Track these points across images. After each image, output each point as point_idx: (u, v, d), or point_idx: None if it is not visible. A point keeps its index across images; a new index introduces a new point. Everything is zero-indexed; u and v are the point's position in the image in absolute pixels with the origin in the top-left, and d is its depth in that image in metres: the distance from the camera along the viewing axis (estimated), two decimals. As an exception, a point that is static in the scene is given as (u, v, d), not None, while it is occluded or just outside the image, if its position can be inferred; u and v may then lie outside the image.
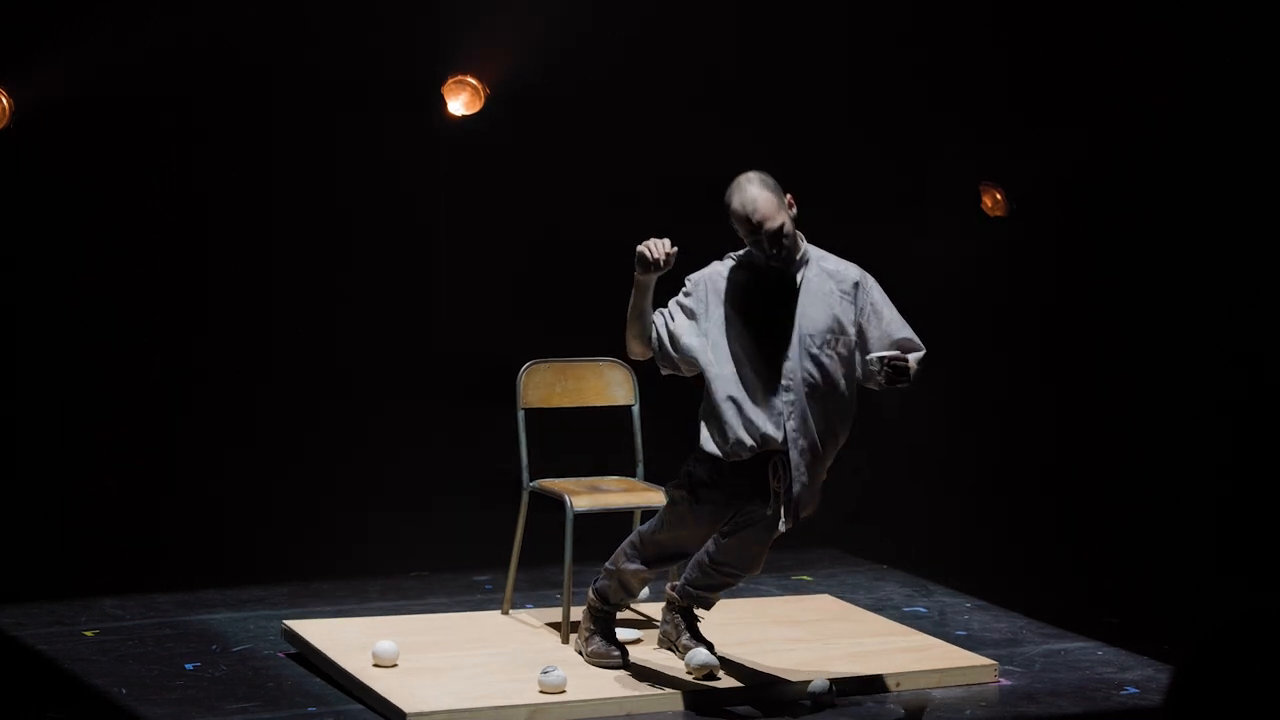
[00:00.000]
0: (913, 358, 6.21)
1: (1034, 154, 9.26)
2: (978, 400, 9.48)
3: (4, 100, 8.32)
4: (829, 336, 6.24)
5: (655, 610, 7.03)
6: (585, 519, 6.89)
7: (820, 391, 6.22)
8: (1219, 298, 8.84)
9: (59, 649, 6.98)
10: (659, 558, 6.51)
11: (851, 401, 6.30)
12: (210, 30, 8.68)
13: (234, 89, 8.80)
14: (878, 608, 7.57)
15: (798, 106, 9.17)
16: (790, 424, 6.19)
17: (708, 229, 6.63)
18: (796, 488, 6.19)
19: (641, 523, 6.99)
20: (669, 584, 6.82)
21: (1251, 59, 8.62)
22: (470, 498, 8.65)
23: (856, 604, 7.60)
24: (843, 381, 6.26)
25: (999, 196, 9.44)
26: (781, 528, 6.23)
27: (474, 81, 8.98)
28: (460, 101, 8.98)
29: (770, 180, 6.14)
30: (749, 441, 6.17)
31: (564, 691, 6.34)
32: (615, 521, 6.76)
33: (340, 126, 8.97)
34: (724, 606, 7.35)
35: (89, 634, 7.18)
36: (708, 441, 6.23)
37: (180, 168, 8.83)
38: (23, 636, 7.14)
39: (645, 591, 7.39)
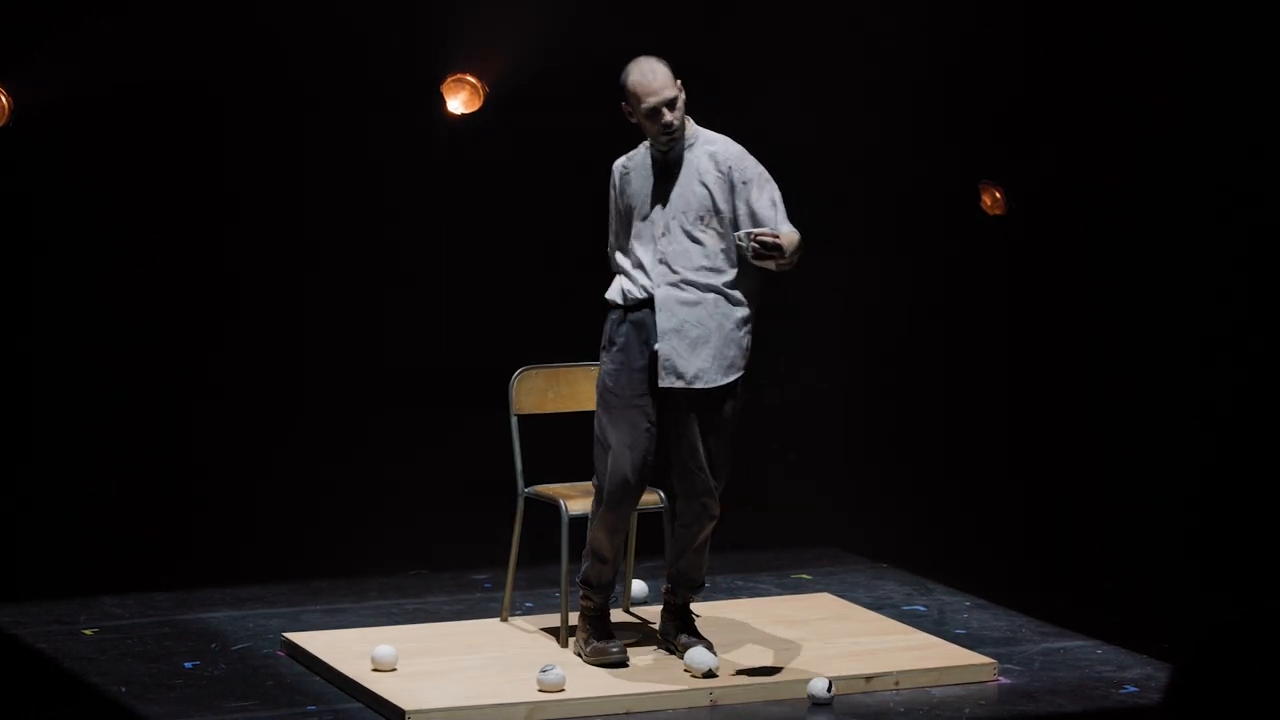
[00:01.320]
0: (785, 238, 6.30)
1: (1030, 152, 9.26)
2: (979, 399, 9.47)
3: (3, 99, 8.31)
4: (703, 214, 6.48)
5: (653, 613, 7.03)
6: (581, 523, 6.89)
7: (695, 267, 6.43)
8: (1219, 296, 8.83)
9: (58, 647, 6.99)
10: (612, 480, 6.51)
11: (739, 280, 6.48)
12: (209, 31, 8.67)
13: (233, 89, 8.79)
14: (877, 606, 7.57)
15: (796, 107, 9.16)
16: (659, 292, 6.44)
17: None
18: (665, 348, 6.39)
19: (635, 524, 7.01)
20: (664, 586, 6.83)
21: (1252, 59, 8.61)
22: (467, 499, 8.65)
23: (856, 602, 7.59)
24: (722, 258, 6.44)
25: (998, 195, 9.42)
26: (661, 383, 6.41)
27: (473, 80, 8.96)
28: (459, 100, 8.97)
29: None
30: (636, 292, 6.46)
31: (563, 690, 6.34)
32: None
33: (338, 127, 8.96)
34: (723, 606, 7.36)
35: (88, 632, 7.18)
36: (611, 291, 6.56)
37: (179, 168, 8.81)
38: (22, 635, 7.14)
39: (644, 590, 7.39)
